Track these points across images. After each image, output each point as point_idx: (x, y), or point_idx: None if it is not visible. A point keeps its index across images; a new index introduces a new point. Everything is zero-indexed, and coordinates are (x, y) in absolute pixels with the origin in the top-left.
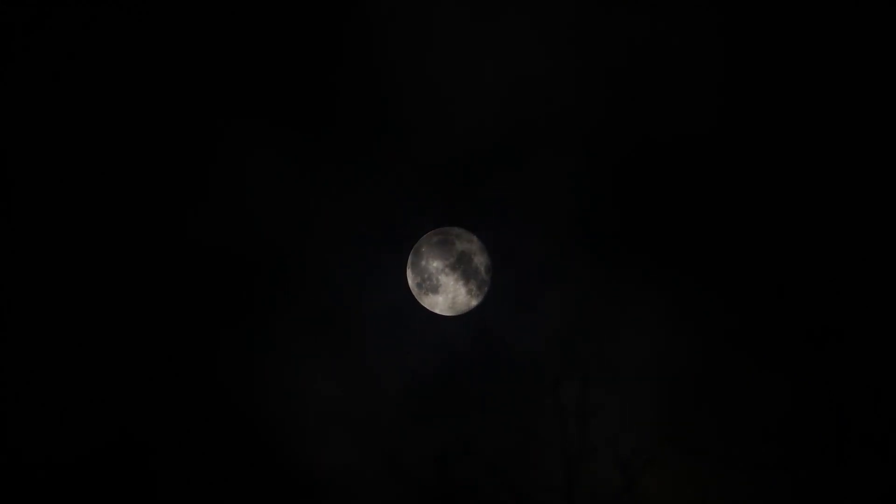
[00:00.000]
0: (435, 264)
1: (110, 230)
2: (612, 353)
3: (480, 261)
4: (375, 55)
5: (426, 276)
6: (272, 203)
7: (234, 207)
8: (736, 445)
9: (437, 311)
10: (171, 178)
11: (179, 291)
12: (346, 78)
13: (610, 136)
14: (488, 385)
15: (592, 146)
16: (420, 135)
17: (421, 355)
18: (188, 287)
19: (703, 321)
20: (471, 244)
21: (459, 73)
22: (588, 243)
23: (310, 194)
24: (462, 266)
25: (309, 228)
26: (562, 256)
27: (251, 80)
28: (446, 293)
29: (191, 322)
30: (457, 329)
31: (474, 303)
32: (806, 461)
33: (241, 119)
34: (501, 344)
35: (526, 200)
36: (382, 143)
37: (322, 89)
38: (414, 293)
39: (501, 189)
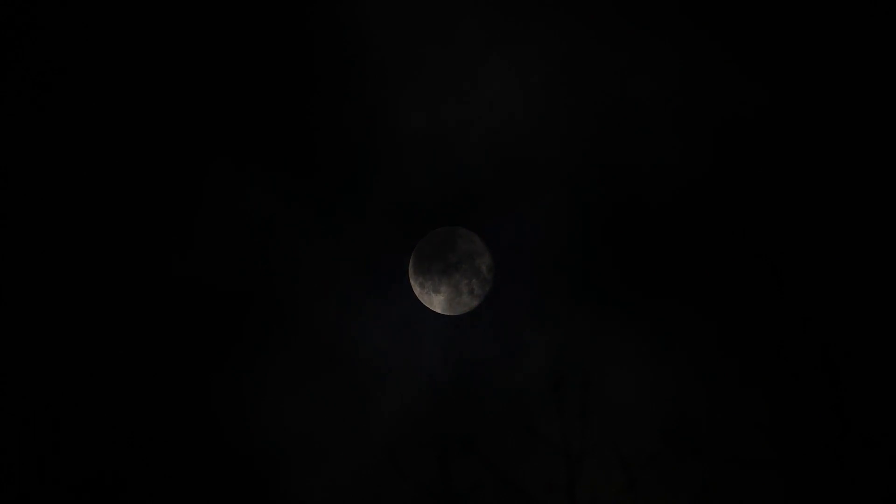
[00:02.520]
0: (437, 264)
1: (104, 269)
2: (612, 359)
3: (482, 260)
4: (372, 97)
5: (428, 275)
6: (272, 223)
7: (231, 236)
8: (735, 445)
9: (438, 310)
10: (165, 222)
11: (181, 322)
12: (346, 119)
13: (598, 177)
14: (489, 384)
15: (579, 187)
16: (416, 175)
17: (422, 355)
18: (191, 315)
19: (701, 326)
20: (473, 244)
21: (454, 118)
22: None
23: (306, 214)
24: (464, 265)
25: (308, 237)
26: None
27: (246, 128)
28: (448, 293)
29: (193, 342)
30: (458, 328)
31: (476, 302)
32: (806, 461)
33: (234, 164)
34: (502, 346)
35: (517, 237)
36: (379, 180)
37: (321, 131)
38: (416, 293)
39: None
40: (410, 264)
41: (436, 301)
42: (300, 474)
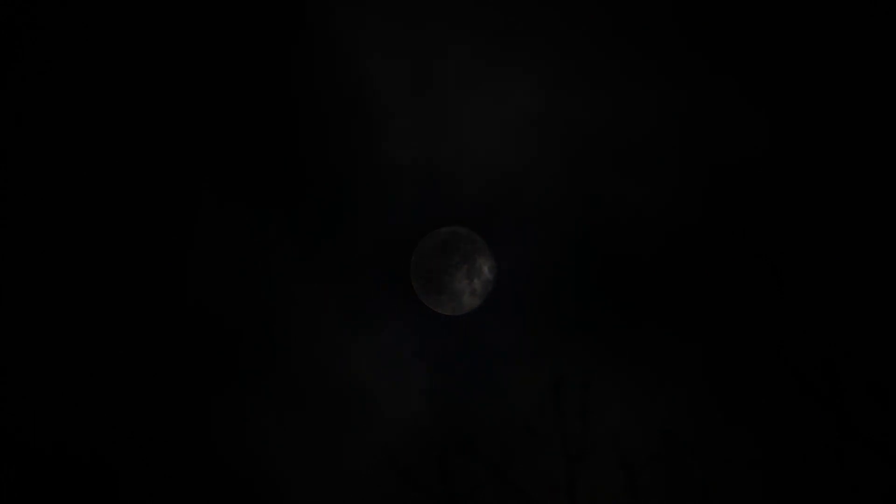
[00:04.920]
0: (438, 264)
1: (100, 299)
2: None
3: (484, 261)
4: (364, 132)
5: (429, 276)
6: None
7: (227, 265)
8: (735, 445)
9: (440, 310)
10: (163, 253)
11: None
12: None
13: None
14: (489, 384)
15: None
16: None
17: (423, 356)
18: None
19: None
20: (474, 244)
21: (443, 156)
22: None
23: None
24: (465, 265)
25: (307, 248)
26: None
27: (239, 162)
28: (449, 293)
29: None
30: (459, 328)
31: (478, 302)
32: (805, 461)
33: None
34: (502, 347)
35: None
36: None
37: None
38: (417, 293)
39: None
40: (411, 266)
41: (437, 301)
42: (300, 487)
